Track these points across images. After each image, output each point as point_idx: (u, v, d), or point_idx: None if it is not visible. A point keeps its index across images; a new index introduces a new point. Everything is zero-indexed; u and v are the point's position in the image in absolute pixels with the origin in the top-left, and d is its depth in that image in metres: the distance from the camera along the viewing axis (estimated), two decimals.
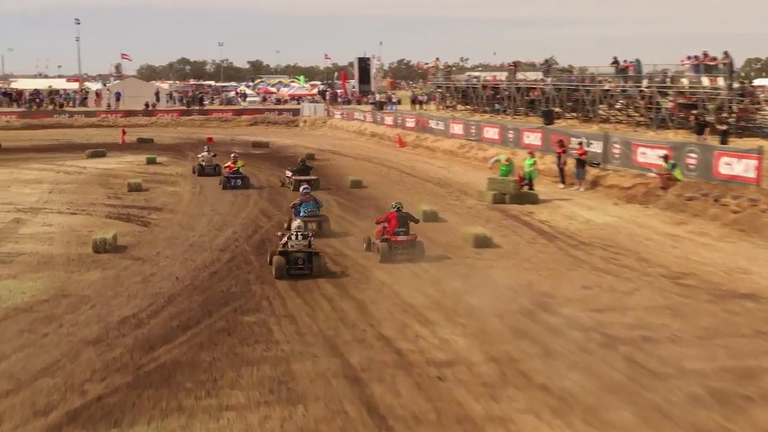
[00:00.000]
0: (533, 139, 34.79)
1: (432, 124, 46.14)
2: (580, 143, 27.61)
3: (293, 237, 15.52)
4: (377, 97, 73.40)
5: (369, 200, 25.68)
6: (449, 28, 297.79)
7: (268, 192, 27.96)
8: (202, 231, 20.44)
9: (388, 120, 52.45)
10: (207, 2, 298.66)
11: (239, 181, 28.15)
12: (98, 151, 40.46)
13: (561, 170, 27.82)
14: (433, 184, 29.78)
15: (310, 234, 16.27)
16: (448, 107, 61.53)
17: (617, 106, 43.76)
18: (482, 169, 33.01)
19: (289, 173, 28.78)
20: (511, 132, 36.94)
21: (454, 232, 20.07)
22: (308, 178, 27.38)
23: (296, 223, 16.13)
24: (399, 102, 71.53)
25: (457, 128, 42.62)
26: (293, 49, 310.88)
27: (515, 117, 48.89)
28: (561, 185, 27.68)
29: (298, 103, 77.36)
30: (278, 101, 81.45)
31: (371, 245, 17.59)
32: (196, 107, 70.25)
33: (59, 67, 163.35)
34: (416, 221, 18.23)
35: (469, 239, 18.56)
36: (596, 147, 28.75)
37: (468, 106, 58.62)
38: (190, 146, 46.81)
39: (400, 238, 16.98)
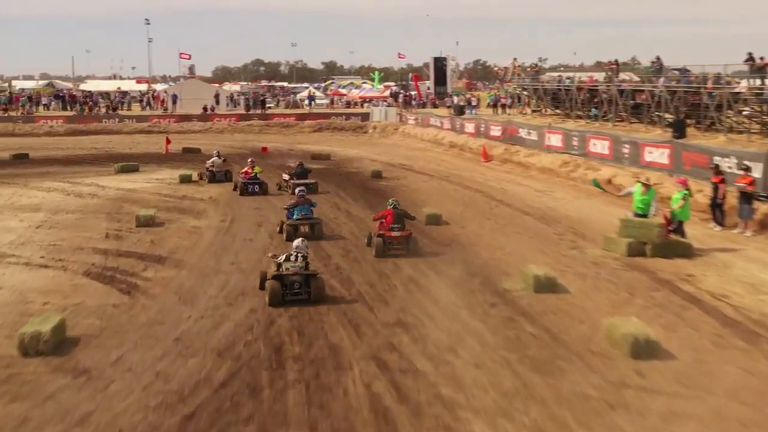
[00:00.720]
0: (657, 156, 27.26)
1: (522, 133, 38.74)
2: (745, 168, 19.96)
3: (291, 258, 14.06)
4: (455, 99, 66.23)
5: (453, 246, 18.69)
6: (526, 27, 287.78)
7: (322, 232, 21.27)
8: (205, 306, 13.72)
9: (469, 127, 45.17)
10: (281, 3, 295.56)
11: (257, 187, 27.18)
12: (129, 165, 34.49)
13: (717, 206, 20.21)
14: (534, 218, 22.51)
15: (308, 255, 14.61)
16: (534, 111, 54.27)
17: (744, 112, 35.82)
18: (593, 193, 25.70)
19: (286, 176, 28.09)
20: (626, 146, 29.32)
21: (588, 319, 12.87)
22: (307, 182, 26.82)
23: (296, 242, 14.64)
24: (478, 104, 64.25)
25: (555, 139, 35.15)
26: (367, 49, 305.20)
27: (616, 124, 41.30)
28: (716, 227, 20.09)
29: (373, 105, 70.89)
30: (348, 104, 75.00)
31: (371, 241, 17.99)
32: (258, 111, 64.21)
33: (133, 68, 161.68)
34: (412, 218, 18.70)
35: (621, 343, 11.32)
36: (755, 171, 21.01)
37: (558, 111, 51.32)
38: (241, 158, 40.58)
39: (395, 234, 17.55)
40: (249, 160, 29.61)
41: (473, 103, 64.24)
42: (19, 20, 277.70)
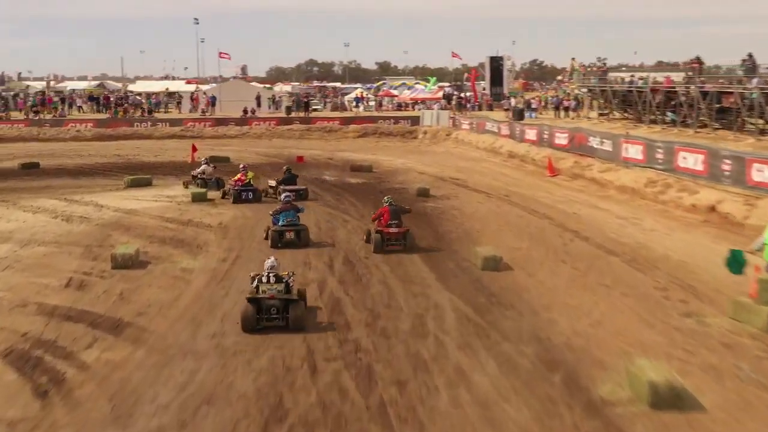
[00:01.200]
0: None
1: (593, 142, 33.38)
2: None
3: (263, 279, 12.77)
4: (512, 101, 60.93)
5: (518, 309, 13.69)
6: (584, 27, 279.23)
7: (344, 269, 16.47)
8: (144, 430, 9.02)
9: (531, 134, 39.88)
10: (334, 3, 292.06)
11: (250, 194, 25.95)
12: (141, 178, 30.29)
13: None
14: (623, 260, 17.31)
15: (289, 276, 13.24)
16: (601, 115, 48.88)
17: None
18: (692, 222, 20.49)
19: (273, 183, 27.15)
20: (727, 162, 23.89)
21: None
22: (296, 188, 26.14)
23: (269, 261, 13.16)
24: (539, 107, 58.91)
25: (634, 151, 29.75)
26: (421, 49, 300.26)
27: (698, 131, 35.88)
28: None
29: (426, 108, 66.14)
30: (399, 106, 70.17)
31: (369, 238, 18.51)
32: (301, 114, 59.76)
33: (185, 69, 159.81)
34: (407, 211, 20.04)
35: None
36: None
37: (628, 114, 45.98)
38: (273, 167, 36.11)
39: (392, 230, 18.18)
40: (241, 166, 27.96)
41: (533, 106, 58.91)
42: (78, 20, 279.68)
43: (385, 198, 19.62)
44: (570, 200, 26.01)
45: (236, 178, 26.33)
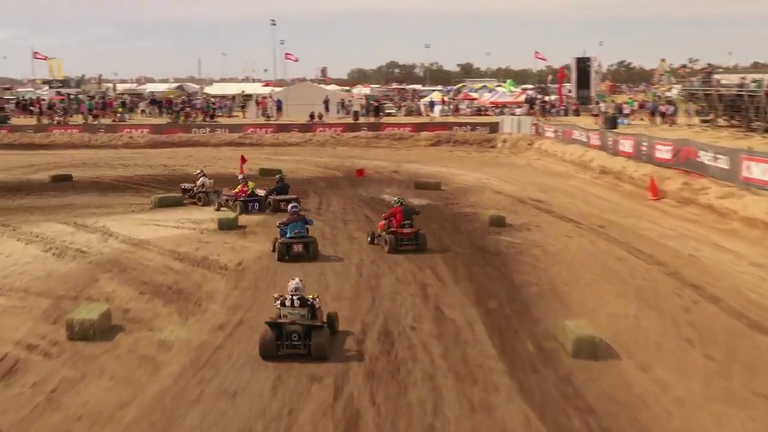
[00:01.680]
0: None
1: (704, 157, 27.72)
2: None
3: (286, 302, 11.89)
4: (602, 106, 55.20)
5: None
6: (673, 27, 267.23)
7: (378, 348, 11.87)
8: None
9: (626, 145, 34.26)
10: (416, 4, 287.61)
11: (256, 205, 24.50)
12: (170, 197, 26.34)
13: None
14: None
15: (314, 298, 12.26)
16: (704, 122, 42.96)
17: None
18: None
19: (262, 192, 25.29)
20: None
21: None
22: (287, 197, 24.43)
23: (293, 283, 12.19)
24: (632, 112, 53.00)
25: (759, 170, 24.05)
26: (505, 51, 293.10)
27: None
28: None
29: (509, 113, 61.12)
30: (479, 110, 65.02)
31: (376, 238, 19.12)
32: (371, 119, 55.31)
33: (265, 71, 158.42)
34: (417, 213, 20.19)
35: None
36: None
37: (735, 122, 40.16)
38: (329, 183, 31.89)
39: (406, 230, 18.62)
40: (240, 176, 26.98)
41: (625, 111, 52.99)
42: (164, 24, 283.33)
43: (396, 198, 20.69)
44: (682, 235, 20.68)
45: (237, 190, 24.88)
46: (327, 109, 59.31)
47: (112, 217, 23.52)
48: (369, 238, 19.42)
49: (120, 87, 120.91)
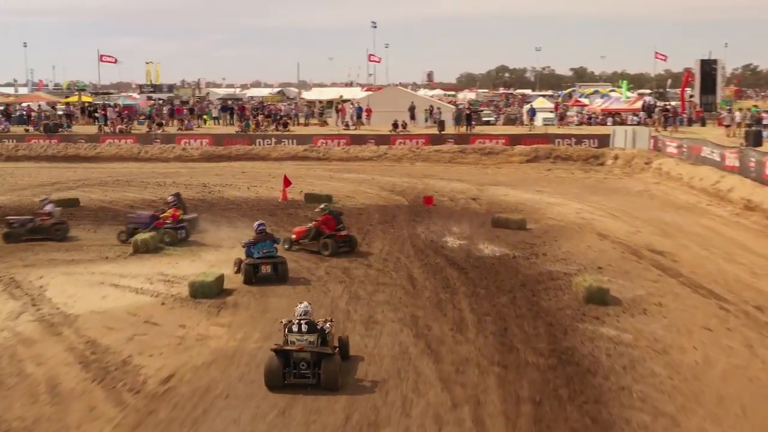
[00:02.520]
0: None
1: None
2: None
3: (294, 328, 11.01)
4: (736, 115, 46.36)
5: None
6: None
7: None
8: None
9: None
10: (527, 8, 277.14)
11: (183, 233, 20.70)
12: (155, 239, 20.15)
13: None
14: None
15: (324, 322, 11.51)
16: None
17: None
18: None
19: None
20: None
21: None
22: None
23: (301, 307, 11.37)
24: None
25: None
26: (620, 54, 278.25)
27: None
28: None
29: (616, 121, 53.17)
30: (590, 119, 56.89)
31: (294, 244, 19.52)
32: (462, 129, 48.14)
33: (369, 75, 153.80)
34: (342, 213, 21.07)
35: None
36: None
37: None
38: (384, 216, 25.22)
39: (342, 233, 19.41)
40: (170, 197, 22.42)
41: (765, 122, 43.99)
42: (275, 29, 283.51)
43: (323, 205, 21.06)
44: None
45: (167, 214, 20.84)
46: (413, 117, 52.58)
47: (67, 269, 17.60)
48: (286, 246, 19.19)
49: (221, 92, 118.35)
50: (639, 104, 59.05)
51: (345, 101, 63.51)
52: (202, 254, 19.20)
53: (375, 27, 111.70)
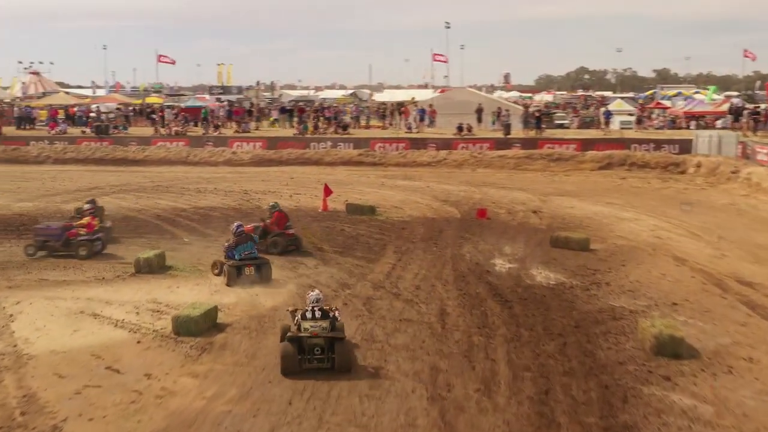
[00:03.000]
0: None
1: None
2: None
3: (308, 315, 11.35)
4: None
5: None
6: None
7: None
8: None
9: None
10: (605, 9, 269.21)
11: (100, 244, 19.11)
12: (161, 258, 17.90)
13: None
14: None
15: (334, 310, 11.74)
16: None
17: None
18: None
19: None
20: None
21: None
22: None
23: (313, 294, 11.77)
24: None
25: None
26: (706, 55, 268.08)
27: None
28: None
29: (704, 125, 49.16)
30: (673, 122, 52.88)
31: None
32: (531, 133, 45.00)
33: (445, 77, 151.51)
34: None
35: None
36: None
37: None
38: (429, 231, 22.54)
39: (290, 231, 19.46)
40: (86, 205, 20.59)
41: None
42: (349, 32, 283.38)
43: (272, 203, 20.83)
44: None
45: (83, 222, 19.14)
46: (479, 119, 49.61)
47: (53, 292, 15.44)
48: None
49: (295, 94, 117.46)
50: (725, 107, 54.49)
51: (414, 103, 60.94)
52: (210, 276, 16.80)
53: (448, 27, 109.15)
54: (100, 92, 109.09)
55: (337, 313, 11.73)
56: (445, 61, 64.36)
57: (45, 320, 13.51)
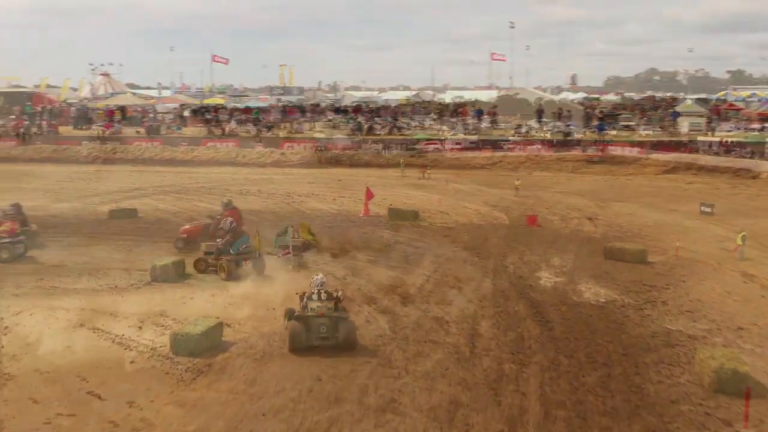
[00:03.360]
0: None
1: None
2: None
3: (313, 296, 11.96)
4: None
5: None
6: None
7: None
8: None
9: None
10: (680, 9, 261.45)
11: (22, 247, 18.62)
12: (178, 264, 16.86)
13: None
14: None
15: (339, 292, 12.38)
16: None
17: None
18: None
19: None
20: None
21: None
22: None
23: (318, 278, 12.29)
24: None
25: None
26: None
27: None
28: None
29: None
30: (746, 125, 49.94)
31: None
32: (593, 135, 42.90)
33: (510, 78, 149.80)
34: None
35: None
36: None
37: None
38: (474, 239, 21.02)
39: (244, 227, 18.32)
40: (8, 209, 20.15)
41: None
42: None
43: (227, 200, 20.43)
44: None
45: (4, 228, 18.70)
46: (539, 120, 47.78)
47: (58, 302, 14.53)
48: (179, 245, 18.42)
49: (359, 95, 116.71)
50: None
51: (473, 103, 59.31)
52: (229, 287, 15.64)
53: (513, 27, 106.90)
54: (166, 93, 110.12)
55: (340, 294, 12.44)
56: (503, 60, 61.97)
57: (39, 334, 12.53)
